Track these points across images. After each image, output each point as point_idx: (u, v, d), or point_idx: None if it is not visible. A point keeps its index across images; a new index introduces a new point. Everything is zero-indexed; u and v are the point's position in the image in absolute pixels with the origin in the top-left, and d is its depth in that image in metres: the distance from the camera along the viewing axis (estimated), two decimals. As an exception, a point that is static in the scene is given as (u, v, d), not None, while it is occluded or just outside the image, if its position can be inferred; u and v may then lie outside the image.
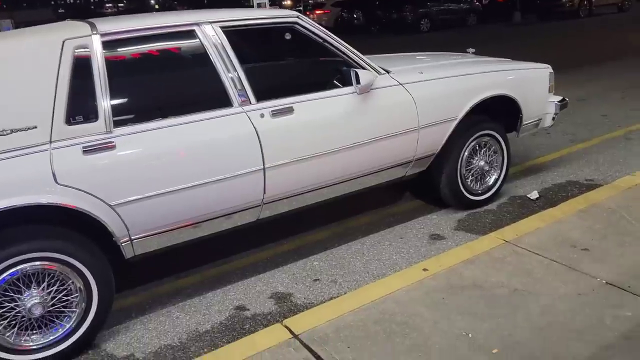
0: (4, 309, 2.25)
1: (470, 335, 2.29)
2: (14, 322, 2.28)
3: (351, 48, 3.08)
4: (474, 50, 4.49)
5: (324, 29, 3.04)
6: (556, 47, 12.03)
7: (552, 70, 3.89)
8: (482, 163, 3.62)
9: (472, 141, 3.52)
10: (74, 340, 2.39)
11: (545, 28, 17.26)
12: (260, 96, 2.75)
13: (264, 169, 2.70)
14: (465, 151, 3.51)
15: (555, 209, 3.46)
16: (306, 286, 2.90)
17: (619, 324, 2.28)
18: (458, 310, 2.46)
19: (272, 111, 2.74)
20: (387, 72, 3.21)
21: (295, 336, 2.35)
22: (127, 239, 2.48)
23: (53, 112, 2.26)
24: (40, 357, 2.33)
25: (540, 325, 2.32)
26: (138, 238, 2.51)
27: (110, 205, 2.36)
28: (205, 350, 2.43)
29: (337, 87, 3.05)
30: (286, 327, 2.42)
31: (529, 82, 3.75)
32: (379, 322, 2.40)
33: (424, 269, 2.82)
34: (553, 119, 3.95)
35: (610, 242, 2.95)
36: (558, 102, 3.91)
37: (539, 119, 3.90)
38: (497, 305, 2.48)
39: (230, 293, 2.89)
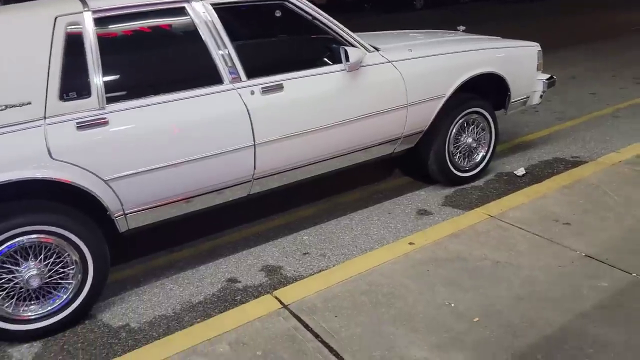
0: (2, 281, 2.31)
1: (453, 305, 2.38)
2: (12, 293, 2.35)
3: (341, 25, 3.11)
4: (464, 28, 4.52)
5: (314, 7, 3.06)
6: (550, 25, 12.00)
7: (540, 48, 3.93)
8: (469, 140, 3.69)
9: (460, 118, 3.57)
10: (71, 310, 2.47)
11: (539, 6, 17.17)
12: (251, 73, 2.78)
13: (254, 145, 2.76)
14: (453, 128, 3.56)
15: (540, 185, 3.55)
16: (296, 259, 2.98)
17: (595, 294, 2.38)
18: (442, 281, 2.55)
19: (262, 88, 2.79)
20: (377, 49, 3.25)
21: (285, 306, 2.44)
22: (121, 213, 2.54)
23: (47, 89, 2.30)
24: (39, 326, 2.41)
25: (520, 295, 2.42)
26: (131, 212, 2.57)
27: (104, 180, 2.41)
28: (199, 320, 2.51)
29: (327, 64, 3.08)
30: (276, 297, 2.51)
31: (517, 60, 3.80)
32: (366, 293, 2.49)
33: (410, 243, 2.91)
34: (541, 96, 4.01)
35: (591, 217, 3.04)
36: (546, 80, 3.97)
37: (527, 96, 3.96)
38: (479, 276, 2.57)
39: (222, 266, 2.97)
